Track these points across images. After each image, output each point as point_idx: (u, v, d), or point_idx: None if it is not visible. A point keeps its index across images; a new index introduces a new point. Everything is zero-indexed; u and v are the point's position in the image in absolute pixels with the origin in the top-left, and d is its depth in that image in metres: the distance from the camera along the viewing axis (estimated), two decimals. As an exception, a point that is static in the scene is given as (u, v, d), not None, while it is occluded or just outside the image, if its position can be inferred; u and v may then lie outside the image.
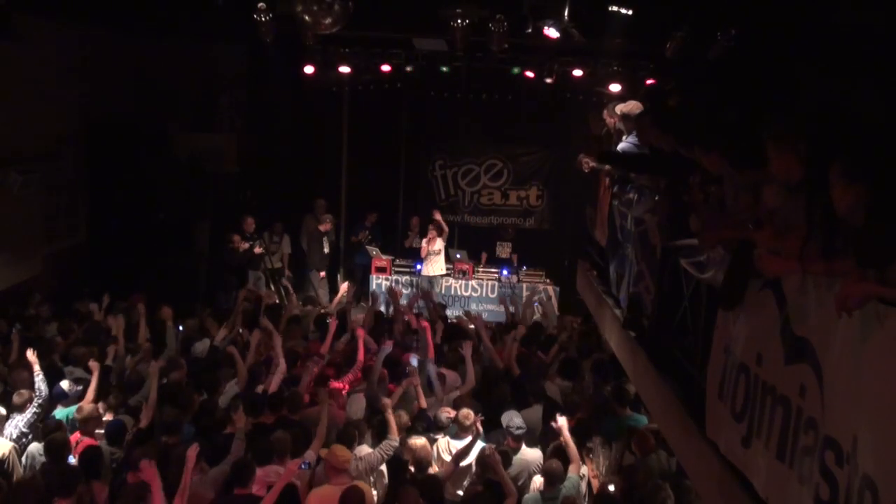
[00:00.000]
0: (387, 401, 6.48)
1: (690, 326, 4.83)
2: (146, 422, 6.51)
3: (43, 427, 6.37)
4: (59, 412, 6.69)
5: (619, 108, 7.34)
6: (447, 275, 13.06)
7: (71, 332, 8.59)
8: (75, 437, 6.29)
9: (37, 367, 6.70)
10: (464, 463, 6.34)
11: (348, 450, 5.78)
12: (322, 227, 13.04)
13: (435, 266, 12.90)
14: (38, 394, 6.53)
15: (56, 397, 6.77)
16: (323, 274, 13.07)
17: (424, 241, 12.89)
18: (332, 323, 8.63)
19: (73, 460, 5.94)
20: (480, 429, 6.37)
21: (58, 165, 10.81)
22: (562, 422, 6.43)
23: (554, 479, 5.86)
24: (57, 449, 5.82)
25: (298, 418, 6.64)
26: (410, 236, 13.66)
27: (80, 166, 11.51)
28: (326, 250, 13.11)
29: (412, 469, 6.05)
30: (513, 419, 6.48)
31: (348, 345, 8.49)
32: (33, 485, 5.31)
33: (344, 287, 11.25)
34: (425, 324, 8.28)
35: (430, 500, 5.53)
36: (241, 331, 8.89)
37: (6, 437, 6.27)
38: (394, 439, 6.15)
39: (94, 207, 11.79)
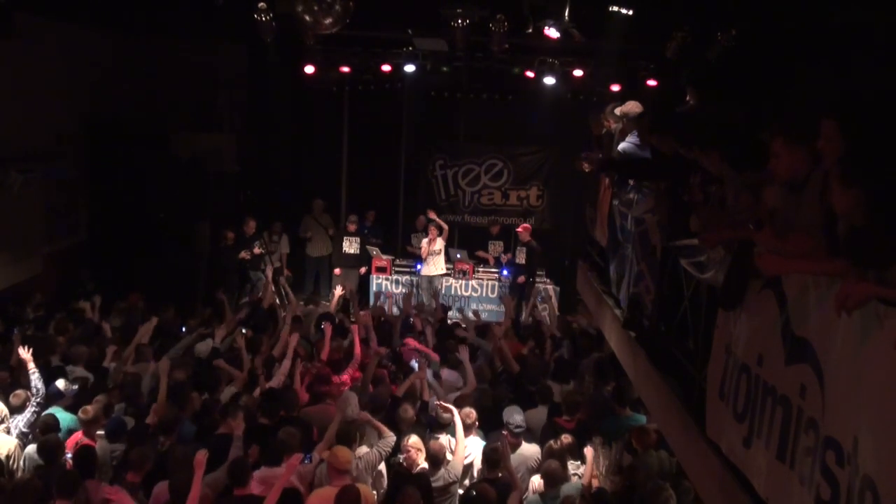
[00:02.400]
0: (364, 414, 6.45)
1: (690, 326, 4.83)
2: (154, 420, 6.49)
3: (40, 426, 6.33)
4: (61, 416, 6.57)
5: (618, 109, 7.34)
6: (447, 275, 13.05)
7: (66, 331, 8.58)
8: (77, 436, 6.28)
9: (31, 366, 6.64)
10: (465, 462, 6.33)
11: (349, 450, 5.78)
12: (349, 227, 13.11)
13: (436, 266, 12.89)
14: (35, 392, 6.50)
15: (52, 397, 6.73)
16: (338, 271, 13.10)
17: (425, 241, 12.86)
18: (328, 328, 8.59)
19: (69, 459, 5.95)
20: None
21: (58, 165, 10.81)
22: (588, 451, 6.39)
23: (554, 479, 5.86)
24: (51, 450, 5.81)
25: (297, 415, 6.64)
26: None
27: (80, 166, 11.52)
28: (350, 250, 13.09)
29: (426, 466, 6.06)
30: (513, 416, 6.49)
31: (348, 343, 8.51)
32: (32, 485, 5.31)
33: (338, 290, 11.21)
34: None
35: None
36: (243, 330, 8.90)
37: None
38: (390, 437, 6.16)
39: (94, 207, 11.79)
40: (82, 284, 10.77)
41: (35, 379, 6.56)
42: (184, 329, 9.20)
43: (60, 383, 6.89)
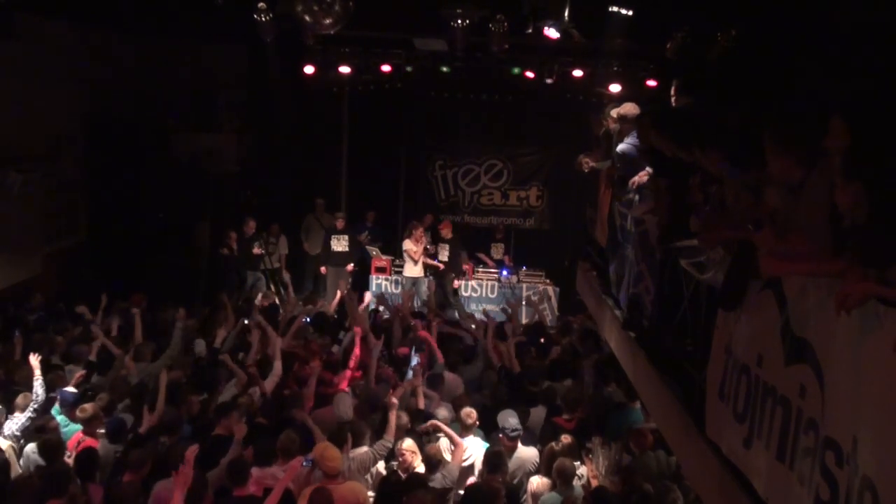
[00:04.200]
0: (394, 400, 6.46)
1: (690, 327, 4.82)
2: (152, 423, 6.48)
3: (36, 427, 6.33)
4: (71, 428, 6.53)
5: (615, 111, 7.34)
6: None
7: (66, 330, 8.57)
8: (77, 436, 6.27)
9: (38, 373, 6.60)
10: (466, 463, 6.33)
11: (339, 450, 5.76)
12: (338, 225, 13.14)
13: (420, 268, 12.74)
14: (34, 398, 6.45)
15: (64, 402, 6.70)
16: (324, 270, 13.10)
17: (410, 241, 12.60)
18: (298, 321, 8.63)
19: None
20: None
21: (58, 165, 10.81)
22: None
23: (567, 476, 5.85)
24: (51, 450, 5.80)
25: (304, 420, 6.63)
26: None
27: (80, 166, 11.51)
28: (338, 248, 13.11)
29: (422, 470, 6.03)
30: (508, 420, 6.45)
31: (348, 343, 8.52)
32: (30, 484, 5.31)
33: (340, 292, 11.25)
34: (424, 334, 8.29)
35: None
36: (246, 322, 8.92)
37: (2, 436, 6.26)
38: (388, 440, 6.15)
39: (94, 207, 11.79)
40: (86, 285, 10.79)
41: (38, 385, 6.53)
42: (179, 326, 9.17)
43: (72, 389, 6.88)
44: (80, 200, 11.67)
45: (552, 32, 8.54)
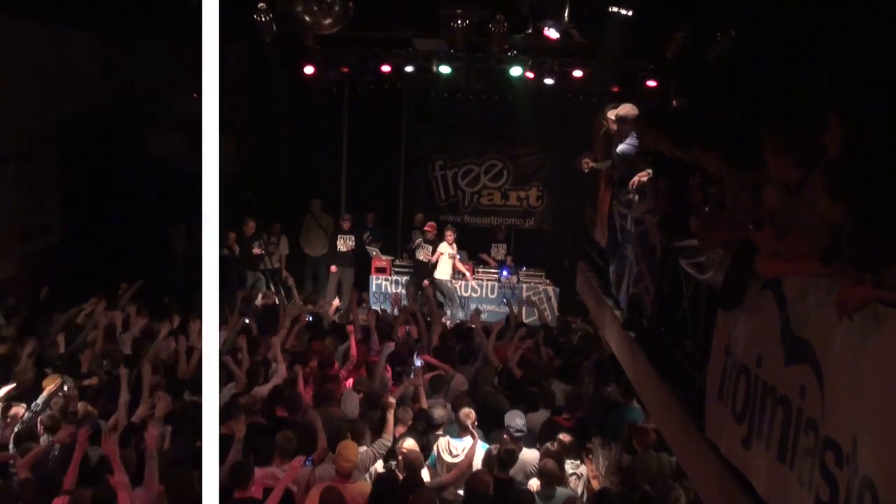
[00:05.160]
0: (392, 400, 6.46)
1: (690, 327, 4.82)
2: (143, 413, 6.49)
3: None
4: None
5: (613, 112, 7.35)
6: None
7: (46, 335, 8.50)
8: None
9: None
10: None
11: (356, 447, 5.76)
12: (344, 226, 13.18)
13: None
14: (33, 407, 6.46)
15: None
16: (334, 268, 13.14)
17: (446, 246, 12.60)
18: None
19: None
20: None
21: (31, 165, 10.68)
22: None
23: (550, 478, 5.86)
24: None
25: (300, 418, 6.63)
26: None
27: (53, 166, 11.38)
28: (344, 248, 13.15)
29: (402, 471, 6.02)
30: (514, 420, 6.45)
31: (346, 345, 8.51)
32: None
33: (336, 302, 11.29)
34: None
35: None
36: (247, 321, 8.88)
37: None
38: (387, 439, 6.14)
39: (66, 207, 11.64)
40: (59, 286, 10.66)
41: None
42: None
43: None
44: (53, 200, 11.50)
45: (552, 32, 8.56)
